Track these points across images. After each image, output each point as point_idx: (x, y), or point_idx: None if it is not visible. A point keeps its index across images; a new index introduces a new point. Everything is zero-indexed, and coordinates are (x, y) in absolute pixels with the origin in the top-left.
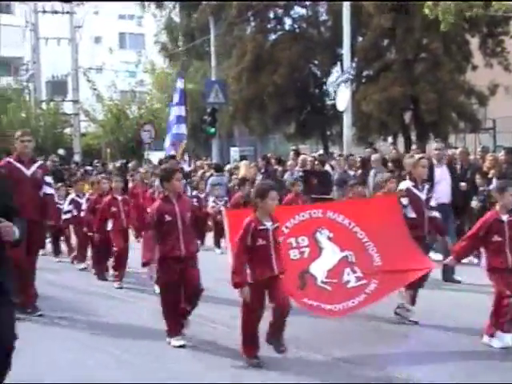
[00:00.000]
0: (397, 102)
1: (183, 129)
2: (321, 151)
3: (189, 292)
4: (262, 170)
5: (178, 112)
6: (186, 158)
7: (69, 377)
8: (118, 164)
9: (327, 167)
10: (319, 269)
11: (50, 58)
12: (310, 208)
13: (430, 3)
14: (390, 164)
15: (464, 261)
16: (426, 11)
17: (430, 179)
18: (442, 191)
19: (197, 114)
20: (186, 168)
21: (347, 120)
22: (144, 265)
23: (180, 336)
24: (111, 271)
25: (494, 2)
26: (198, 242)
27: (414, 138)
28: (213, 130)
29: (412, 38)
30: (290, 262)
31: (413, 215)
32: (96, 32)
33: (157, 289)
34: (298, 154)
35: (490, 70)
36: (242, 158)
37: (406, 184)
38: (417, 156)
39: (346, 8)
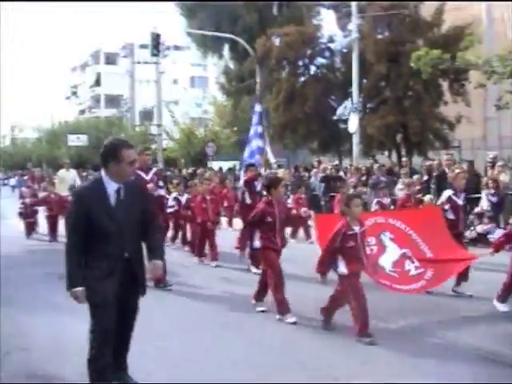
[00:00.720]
0: (391, 127)
1: (261, 143)
2: (336, 162)
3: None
4: (293, 175)
5: (257, 130)
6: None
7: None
8: (189, 171)
9: (341, 173)
10: (386, 261)
11: (141, 94)
12: (376, 215)
13: (414, 58)
14: (386, 170)
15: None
16: (412, 64)
17: (443, 186)
18: None
19: (246, 134)
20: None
21: (356, 139)
22: (237, 248)
23: (290, 313)
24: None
25: (457, 57)
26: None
27: (403, 153)
28: None
29: (402, 81)
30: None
31: (452, 217)
32: (174, 76)
33: (253, 269)
34: (319, 163)
35: (456, 105)
36: (279, 166)
37: (448, 192)
38: (457, 170)
39: (355, 59)
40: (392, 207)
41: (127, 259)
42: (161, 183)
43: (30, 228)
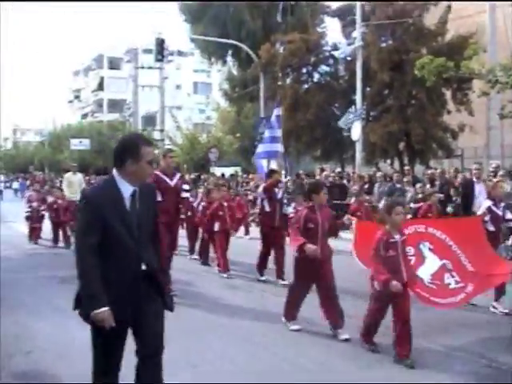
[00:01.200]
0: (394, 135)
1: (279, 147)
2: (339, 169)
3: (322, 290)
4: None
5: (274, 133)
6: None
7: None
8: (192, 176)
9: (345, 181)
10: (424, 273)
11: (145, 99)
12: (416, 224)
13: (418, 66)
14: (388, 178)
15: None
16: (416, 71)
17: (471, 194)
18: (481, 203)
19: (249, 140)
20: (283, 179)
21: (359, 147)
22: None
23: (296, 320)
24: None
25: (462, 66)
26: None
27: (406, 161)
28: None
29: (405, 90)
30: None
31: (492, 228)
32: (177, 81)
33: (260, 276)
34: (322, 170)
35: (459, 114)
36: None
37: (487, 203)
38: (495, 180)
39: (359, 67)
40: (409, 216)
41: (145, 272)
42: (186, 187)
43: (35, 233)
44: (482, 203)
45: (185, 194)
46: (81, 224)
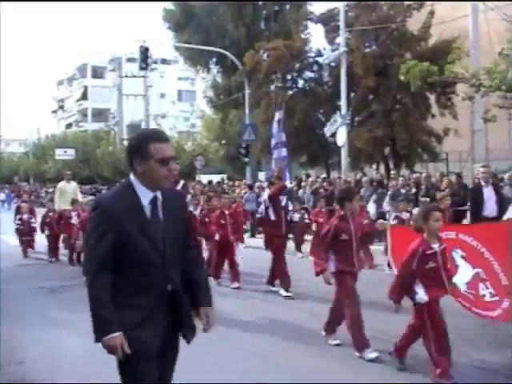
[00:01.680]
0: (379, 140)
1: (284, 152)
2: (324, 175)
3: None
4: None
5: (279, 139)
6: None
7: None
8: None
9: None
10: (459, 282)
11: (129, 108)
12: (446, 229)
13: (403, 70)
14: (374, 183)
15: None
16: (401, 76)
17: (481, 199)
18: (491, 207)
19: (234, 148)
20: (289, 185)
21: (344, 152)
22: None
23: (370, 348)
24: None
25: (446, 70)
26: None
27: (391, 165)
28: (246, 159)
29: (390, 94)
30: None
31: None
32: (161, 89)
33: (283, 292)
34: (308, 176)
35: (444, 118)
36: (267, 179)
37: None
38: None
39: (343, 72)
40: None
41: (170, 293)
42: (188, 196)
43: (28, 246)
44: (493, 206)
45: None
46: (91, 237)
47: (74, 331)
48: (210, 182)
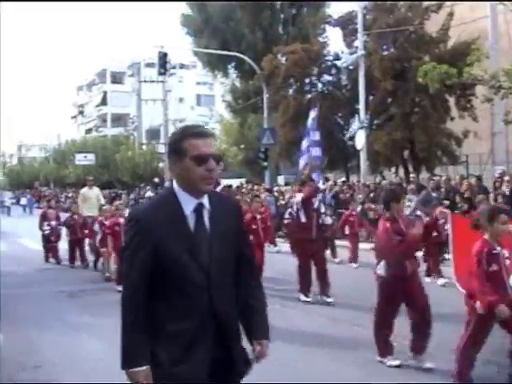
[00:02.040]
0: (398, 143)
1: (318, 151)
2: (343, 179)
3: (413, 313)
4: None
5: (314, 137)
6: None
7: None
8: None
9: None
10: None
11: (148, 113)
12: None
13: (421, 72)
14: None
15: None
16: (419, 78)
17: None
18: None
19: (253, 152)
20: (321, 186)
21: (363, 155)
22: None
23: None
24: None
25: (464, 72)
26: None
27: (411, 169)
28: (265, 163)
29: (408, 97)
30: None
31: None
32: (180, 94)
33: (302, 297)
34: (327, 180)
35: (463, 121)
36: (287, 183)
37: None
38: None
39: (361, 76)
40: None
41: (217, 320)
42: None
43: (53, 252)
44: None
45: None
46: (127, 253)
47: (94, 335)
48: (229, 187)
